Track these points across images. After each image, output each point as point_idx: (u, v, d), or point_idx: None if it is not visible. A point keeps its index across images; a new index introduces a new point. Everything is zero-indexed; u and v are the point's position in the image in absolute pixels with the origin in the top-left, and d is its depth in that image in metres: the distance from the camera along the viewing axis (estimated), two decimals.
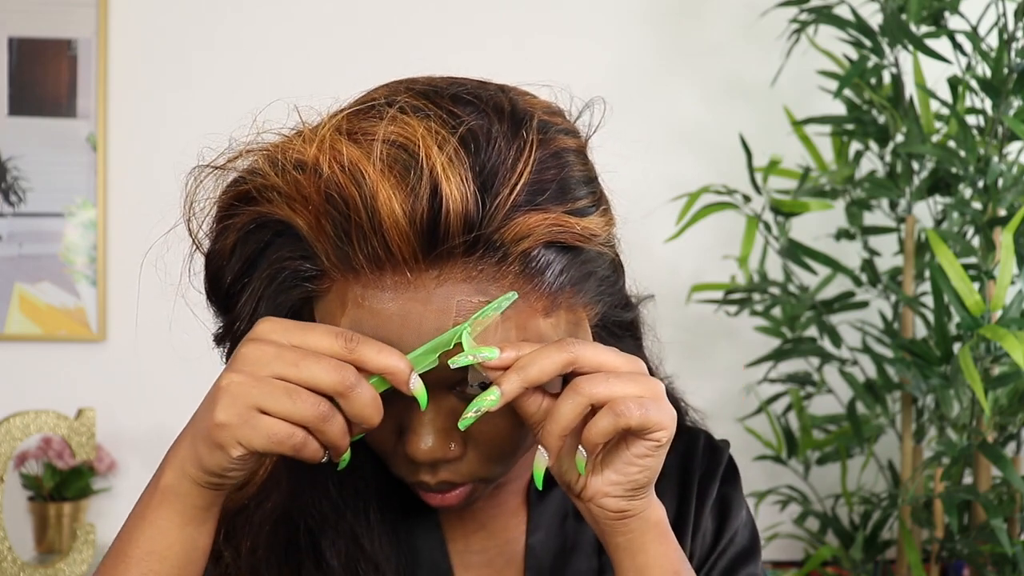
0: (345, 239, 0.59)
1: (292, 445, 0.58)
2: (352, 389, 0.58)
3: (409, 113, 0.60)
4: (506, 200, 0.59)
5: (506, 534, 0.78)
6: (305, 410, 0.57)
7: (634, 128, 2.09)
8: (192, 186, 0.65)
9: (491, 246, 0.59)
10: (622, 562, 0.66)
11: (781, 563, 2.08)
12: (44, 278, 2.07)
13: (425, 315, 0.59)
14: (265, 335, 0.59)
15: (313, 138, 0.60)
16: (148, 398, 2.02)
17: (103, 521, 2.04)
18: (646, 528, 0.66)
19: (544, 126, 0.64)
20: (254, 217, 0.62)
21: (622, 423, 0.60)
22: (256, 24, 2.10)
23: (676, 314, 2.05)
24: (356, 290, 0.60)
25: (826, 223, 2.02)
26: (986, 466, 1.73)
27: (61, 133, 2.06)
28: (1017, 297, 1.57)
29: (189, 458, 0.60)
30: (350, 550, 0.71)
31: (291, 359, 0.57)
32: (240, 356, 0.59)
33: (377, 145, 0.58)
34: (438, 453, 0.64)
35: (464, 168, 0.58)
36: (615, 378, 0.61)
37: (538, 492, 0.78)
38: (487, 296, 0.60)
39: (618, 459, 0.63)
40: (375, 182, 0.57)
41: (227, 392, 0.58)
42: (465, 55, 2.10)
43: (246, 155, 0.63)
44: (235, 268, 0.64)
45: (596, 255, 0.65)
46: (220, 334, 0.68)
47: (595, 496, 0.64)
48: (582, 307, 0.65)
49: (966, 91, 1.73)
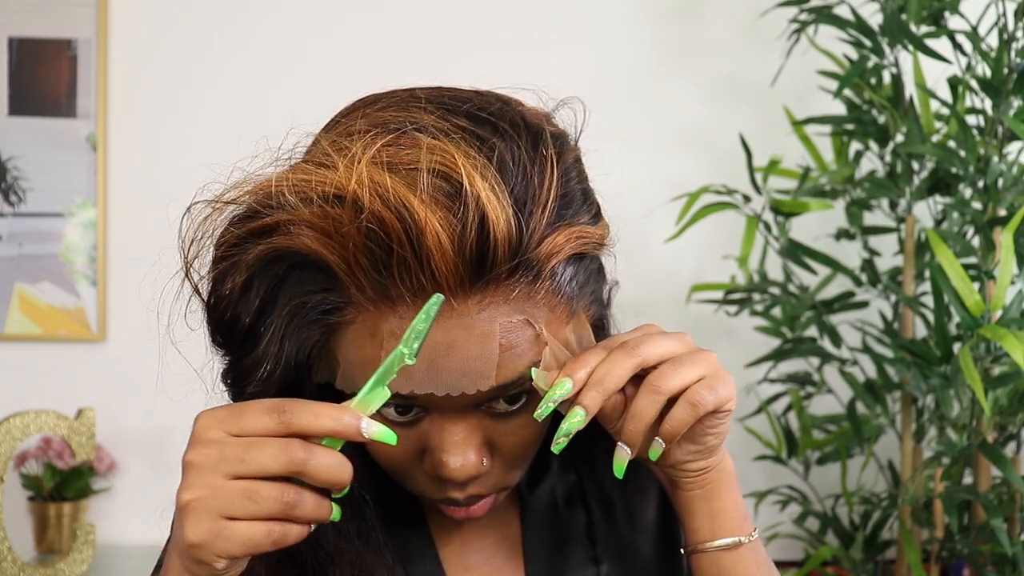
0: (385, 272, 0.58)
1: (272, 541, 0.56)
2: (306, 464, 0.56)
3: (441, 139, 0.59)
4: (540, 221, 0.60)
5: (500, 529, 0.78)
6: (270, 506, 0.55)
7: (635, 128, 2.10)
8: (190, 228, 0.63)
9: (529, 267, 0.60)
10: (698, 510, 0.70)
11: (781, 563, 2.07)
12: (44, 278, 2.07)
13: (469, 341, 0.60)
14: (202, 434, 0.57)
15: (349, 171, 0.58)
16: (148, 398, 2.02)
17: (103, 521, 2.04)
18: (722, 478, 0.70)
19: (555, 139, 0.64)
20: (267, 251, 0.60)
21: (700, 411, 0.63)
22: (256, 24, 2.10)
23: (676, 314, 2.05)
24: (393, 322, 0.59)
25: (826, 223, 2.02)
26: (986, 466, 1.73)
27: (61, 133, 2.06)
28: (1017, 297, 1.57)
29: (183, 571, 0.59)
30: (340, 565, 0.70)
31: (235, 455, 0.56)
32: (187, 466, 0.57)
33: (421, 175, 0.57)
34: (472, 471, 0.64)
35: (504, 194, 0.58)
36: (681, 366, 0.63)
37: (528, 486, 0.78)
38: (524, 315, 0.61)
39: (694, 432, 0.66)
40: (421, 214, 0.56)
41: (189, 511, 0.56)
42: (465, 55, 2.10)
43: (255, 192, 0.61)
44: (253, 307, 0.62)
45: (592, 258, 0.67)
46: (238, 377, 0.65)
47: (677, 464, 0.68)
48: (583, 311, 0.67)
49: (966, 91, 1.73)
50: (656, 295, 2.08)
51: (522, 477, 0.78)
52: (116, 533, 2.05)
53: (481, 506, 0.68)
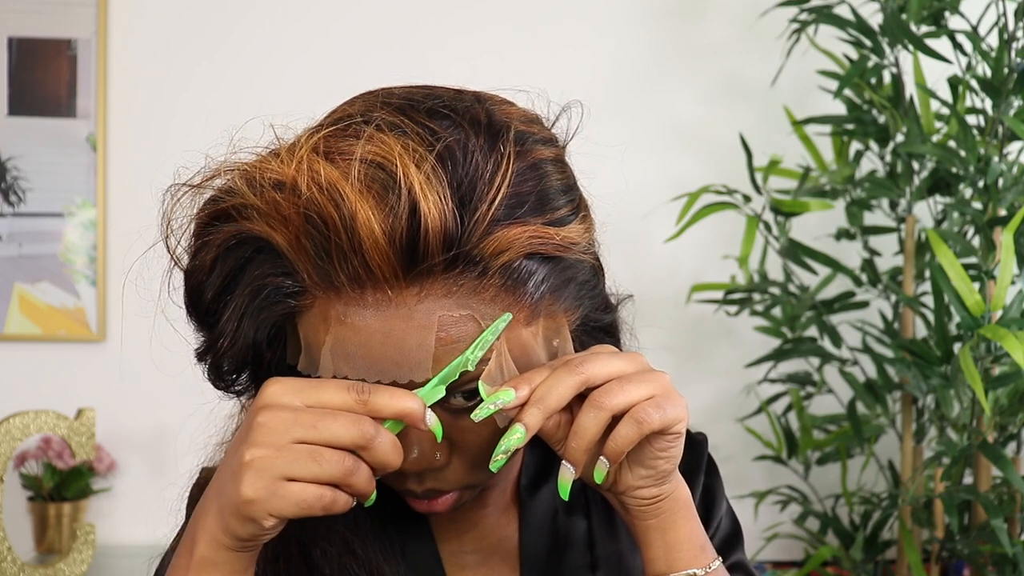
0: (325, 258, 0.59)
1: (323, 506, 0.58)
2: (373, 440, 0.59)
3: (386, 131, 0.60)
4: (485, 215, 0.59)
5: (499, 532, 0.78)
6: (332, 469, 0.58)
7: (635, 128, 2.10)
8: (169, 204, 0.65)
9: (471, 261, 0.60)
10: (653, 540, 0.68)
11: (781, 563, 2.08)
12: (44, 278, 2.07)
13: (408, 331, 0.60)
14: (276, 399, 0.59)
15: (290, 158, 0.60)
16: (148, 398, 2.02)
17: (103, 521, 2.04)
18: (676, 507, 0.68)
19: (521, 137, 0.64)
20: (233, 233, 0.62)
21: (645, 429, 0.62)
22: (256, 24, 2.10)
23: (676, 314, 2.05)
24: (338, 307, 0.60)
25: (826, 223, 2.01)
26: (986, 466, 1.73)
27: (61, 133, 2.06)
28: (1017, 297, 1.57)
29: (220, 529, 0.60)
30: (343, 558, 0.71)
31: (308, 421, 0.58)
32: (257, 426, 0.59)
33: (355, 165, 0.58)
34: (424, 463, 0.65)
35: (442, 185, 0.58)
36: (628, 384, 0.63)
37: (529, 490, 0.78)
38: (468, 310, 0.60)
39: (643, 455, 0.65)
40: (353, 202, 0.57)
41: (252, 467, 0.58)
42: (465, 56, 2.10)
43: (223, 174, 0.63)
44: (216, 284, 0.64)
45: (576, 261, 0.66)
46: (202, 351, 0.67)
47: (627, 490, 0.67)
48: (562, 312, 0.66)
49: (966, 91, 1.73)
50: (656, 295, 2.08)
51: (524, 480, 0.79)
52: (116, 533, 2.05)
53: (444, 501, 0.68)
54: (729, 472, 2.10)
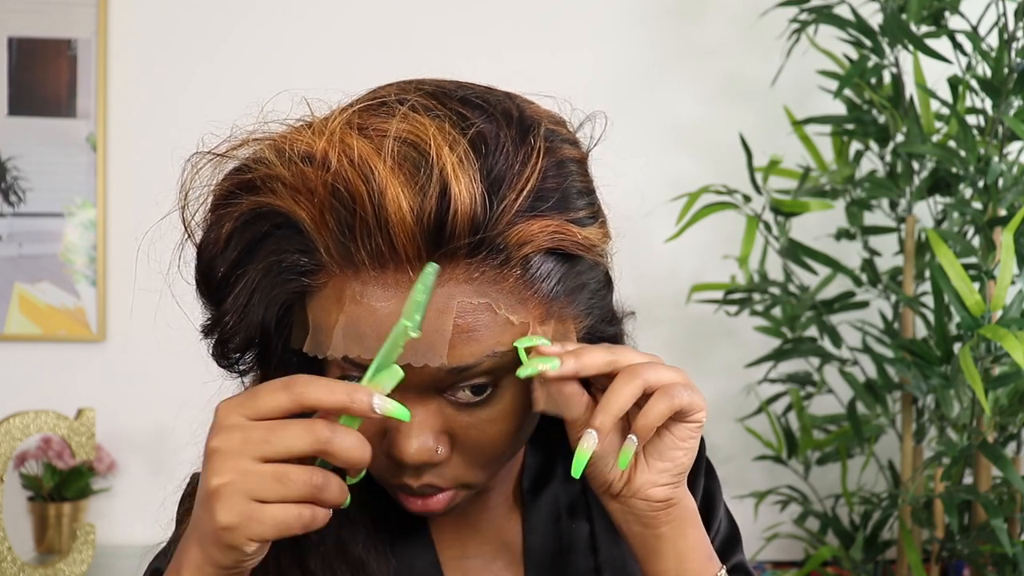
0: (348, 234, 0.59)
1: (303, 524, 0.56)
2: (330, 442, 0.56)
3: (420, 112, 0.60)
4: (512, 204, 0.59)
5: (501, 536, 0.77)
6: (299, 489, 0.56)
7: (635, 128, 2.10)
8: (189, 173, 0.64)
9: (494, 248, 0.60)
10: (664, 550, 0.68)
11: (781, 563, 2.08)
12: (44, 278, 2.07)
13: (425, 315, 0.59)
14: (224, 420, 0.57)
15: (323, 131, 0.59)
16: (148, 398, 2.02)
17: (103, 521, 2.04)
18: (686, 515, 0.68)
19: (550, 135, 0.64)
20: (253, 207, 0.62)
21: (676, 404, 0.63)
22: (256, 24, 2.10)
23: (676, 314, 2.05)
24: (355, 287, 0.60)
25: (826, 223, 2.01)
26: (986, 466, 1.73)
27: (61, 133, 2.06)
28: (1017, 297, 1.57)
29: (204, 560, 0.58)
30: (335, 556, 0.70)
31: (260, 437, 0.56)
32: (212, 453, 0.56)
33: (388, 141, 0.58)
34: (425, 455, 0.63)
35: (473, 170, 0.58)
36: (660, 367, 0.64)
37: (531, 492, 0.78)
38: (487, 298, 0.60)
39: (663, 446, 0.66)
40: (384, 178, 0.57)
41: (219, 495, 0.55)
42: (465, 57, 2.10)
43: (250, 144, 0.63)
44: (229, 258, 0.63)
45: (591, 267, 0.66)
46: (208, 326, 0.66)
47: (642, 487, 0.66)
48: (571, 318, 0.66)
49: (966, 91, 1.73)
50: (656, 295, 2.08)
51: (526, 483, 0.78)
52: (116, 533, 2.05)
53: (439, 500, 0.67)
54: (729, 472, 2.11)
